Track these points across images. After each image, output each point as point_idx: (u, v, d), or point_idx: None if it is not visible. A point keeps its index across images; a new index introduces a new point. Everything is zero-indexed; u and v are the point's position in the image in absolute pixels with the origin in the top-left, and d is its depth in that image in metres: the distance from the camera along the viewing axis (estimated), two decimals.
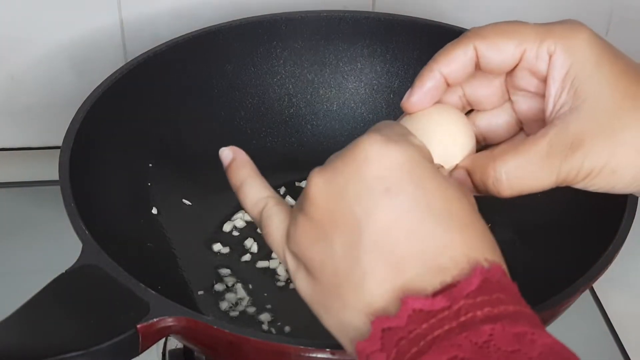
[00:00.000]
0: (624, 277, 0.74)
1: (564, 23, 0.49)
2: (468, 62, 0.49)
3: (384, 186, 0.42)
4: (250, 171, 0.50)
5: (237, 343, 0.51)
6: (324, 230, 0.42)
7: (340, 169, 0.43)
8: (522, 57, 0.48)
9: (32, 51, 0.82)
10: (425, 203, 0.42)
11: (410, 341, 0.39)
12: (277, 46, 0.78)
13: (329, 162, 0.44)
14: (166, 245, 0.70)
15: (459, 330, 0.38)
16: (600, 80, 0.47)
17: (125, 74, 0.70)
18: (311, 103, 0.80)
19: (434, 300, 0.39)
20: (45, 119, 0.85)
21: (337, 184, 0.42)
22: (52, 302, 0.51)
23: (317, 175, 0.43)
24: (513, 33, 0.48)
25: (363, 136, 0.43)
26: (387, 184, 0.42)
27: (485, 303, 0.39)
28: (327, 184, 0.43)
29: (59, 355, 0.48)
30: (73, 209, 0.58)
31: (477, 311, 0.39)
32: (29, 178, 0.84)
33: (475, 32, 0.49)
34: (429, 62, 0.50)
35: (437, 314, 0.39)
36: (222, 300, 0.68)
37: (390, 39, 0.79)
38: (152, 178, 0.72)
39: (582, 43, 0.47)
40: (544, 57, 0.48)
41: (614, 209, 0.60)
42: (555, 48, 0.47)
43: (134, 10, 0.82)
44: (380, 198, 0.41)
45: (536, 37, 0.48)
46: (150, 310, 0.50)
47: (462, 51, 0.49)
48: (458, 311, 0.39)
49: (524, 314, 0.40)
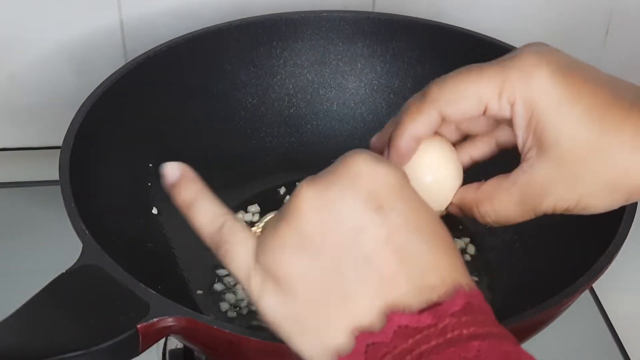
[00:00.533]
0: (624, 277, 0.74)
1: (521, 62, 0.49)
2: (434, 122, 0.50)
3: (377, 203, 0.41)
4: (202, 187, 0.47)
5: (237, 343, 0.51)
6: (312, 243, 0.41)
7: (332, 182, 0.42)
8: (485, 109, 0.49)
9: (32, 51, 0.82)
10: (414, 223, 0.42)
11: (396, 356, 0.39)
12: (277, 46, 0.78)
13: (319, 175, 0.43)
14: (166, 245, 0.70)
15: (447, 346, 0.38)
16: (562, 127, 0.48)
17: (125, 74, 0.70)
18: (311, 103, 0.80)
19: (420, 316, 0.39)
20: (45, 119, 0.85)
21: (329, 197, 0.42)
22: (52, 302, 0.51)
23: (307, 187, 0.42)
24: (471, 90, 0.49)
25: (351, 153, 0.43)
26: (380, 201, 0.41)
27: (470, 323, 0.39)
28: (318, 196, 0.42)
29: (59, 355, 0.48)
30: (73, 209, 0.58)
31: (463, 329, 0.39)
32: (29, 178, 0.84)
33: (436, 96, 0.50)
34: (398, 126, 0.51)
35: (423, 330, 0.39)
36: (222, 301, 0.68)
37: (390, 39, 0.79)
38: (152, 178, 0.72)
39: (540, 88, 0.48)
40: (506, 107, 0.49)
41: (613, 209, 0.60)
42: (514, 98, 0.48)
43: (134, 10, 0.82)
44: (372, 214, 0.41)
45: (494, 89, 0.49)
46: (150, 310, 0.50)
47: (426, 117, 0.50)
48: (444, 328, 0.39)
49: (506, 336, 0.40)
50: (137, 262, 0.59)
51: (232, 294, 0.68)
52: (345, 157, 0.43)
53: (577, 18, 0.83)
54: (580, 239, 0.63)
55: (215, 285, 0.69)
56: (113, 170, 0.68)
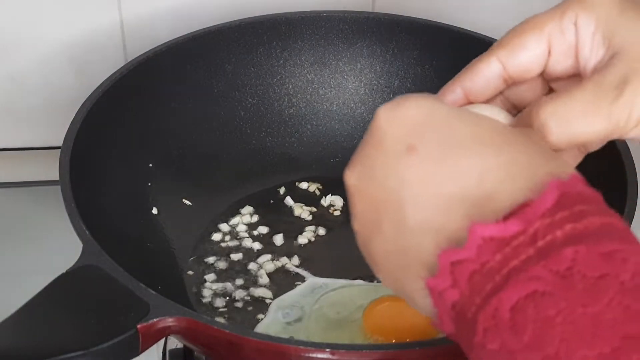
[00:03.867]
0: None
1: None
2: (492, 76, 0.47)
3: (405, 145, 0.40)
4: None
5: (237, 343, 0.51)
6: (373, 219, 0.41)
7: (364, 154, 0.42)
8: (549, 43, 0.46)
9: (32, 51, 0.82)
10: (452, 143, 0.40)
11: (484, 275, 0.36)
12: (277, 46, 0.78)
13: (353, 156, 0.43)
14: (166, 245, 0.70)
15: (537, 259, 0.35)
16: (630, 26, 0.45)
17: (125, 74, 0.70)
18: (311, 103, 0.80)
19: (506, 224, 0.36)
20: (45, 119, 0.85)
21: (366, 169, 0.42)
22: (52, 302, 0.51)
23: (348, 174, 0.43)
24: (532, 27, 0.47)
25: (375, 112, 0.43)
26: (408, 142, 0.40)
27: (565, 220, 0.35)
28: (358, 175, 0.42)
29: (59, 355, 0.48)
30: (73, 209, 0.58)
31: (556, 231, 0.35)
32: (29, 178, 0.84)
33: (497, 43, 0.47)
34: (455, 76, 0.48)
35: (510, 241, 0.36)
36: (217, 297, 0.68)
37: (390, 39, 0.79)
38: (152, 178, 0.72)
39: (601, 1, 0.46)
40: (570, 29, 0.46)
41: (613, 208, 0.60)
42: (576, 15, 0.46)
43: (134, 10, 0.82)
44: (406, 158, 0.40)
45: (554, 17, 0.46)
46: (150, 310, 0.51)
47: (485, 65, 0.47)
48: (534, 235, 0.35)
49: (613, 226, 0.36)
50: (137, 262, 0.59)
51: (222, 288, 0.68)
52: (372, 120, 0.42)
53: None
54: None
55: (207, 282, 0.69)
56: (113, 170, 0.69)
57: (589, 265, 0.34)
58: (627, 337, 0.32)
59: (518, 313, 0.35)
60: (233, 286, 0.69)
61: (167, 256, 0.69)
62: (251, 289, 0.68)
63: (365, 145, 0.42)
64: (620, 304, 0.33)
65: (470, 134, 0.40)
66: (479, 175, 0.38)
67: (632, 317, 0.33)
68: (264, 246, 0.72)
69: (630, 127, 0.43)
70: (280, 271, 0.70)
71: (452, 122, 0.41)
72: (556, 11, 0.47)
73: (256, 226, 0.74)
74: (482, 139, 0.40)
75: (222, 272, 0.70)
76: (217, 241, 0.72)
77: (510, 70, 0.47)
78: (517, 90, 0.49)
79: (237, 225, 0.74)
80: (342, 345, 0.50)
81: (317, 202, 0.76)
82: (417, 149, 0.40)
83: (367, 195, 0.42)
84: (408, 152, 0.40)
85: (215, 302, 0.67)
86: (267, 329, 0.65)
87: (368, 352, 0.50)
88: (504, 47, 0.47)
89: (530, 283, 0.35)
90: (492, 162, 0.39)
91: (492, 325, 0.35)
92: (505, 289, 0.35)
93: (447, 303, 0.38)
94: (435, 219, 0.39)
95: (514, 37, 0.47)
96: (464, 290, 0.37)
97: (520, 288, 0.35)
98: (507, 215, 0.37)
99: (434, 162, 0.39)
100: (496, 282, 0.36)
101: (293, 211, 0.75)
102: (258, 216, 0.74)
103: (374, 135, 0.42)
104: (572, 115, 0.43)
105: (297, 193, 0.77)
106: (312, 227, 0.74)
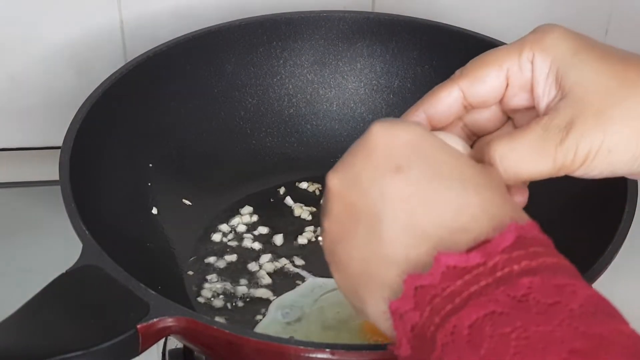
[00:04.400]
0: (624, 277, 0.74)
1: (536, 29, 0.49)
2: (453, 102, 0.50)
3: (394, 165, 0.42)
4: None
5: (237, 343, 0.51)
6: (347, 222, 0.43)
7: (352, 162, 0.44)
8: (507, 78, 0.49)
9: (32, 51, 0.82)
10: (437, 172, 0.42)
11: (445, 298, 0.39)
12: (277, 46, 0.78)
13: (342, 159, 0.45)
14: (166, 245, 0.70)
15: (496, 285, 0.38)
16: (582, 67, 0.47)
17: (125, 74, 0.70)
18: (311, 103, 0.80)
19: (468, 256, 0.39)
20: (45, 119, 0.85)
21: (351, 175, 0.44)
22: (52, 302, 0.51)
23: (331, 175, 0.45)
24: (492, 60, 0.49)
25: (372, 125, 0.44)
26: (397, 162, 0.42)
27: (522, 257, 0.39)
28: (342, 178, 0.44)
29: (59, 355, 0.48)
30: (73, 209, 0.58)
31: (513, 265, 0.38)
32: (29, 178, 0.84)
33: (459, 72, 0.50)
34: (418, 102, 0.51)
35: (471, 270, 0.39)
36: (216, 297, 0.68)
37: (390, 39, 0.79)
38: (152, 178, 0.72)
39: (556, 39, 0.48)
40: (527, 67, 0.49)
41: (613, 209, 0.60)
42: (533, 54, 0.48)
43: (134, 10, 0.82)
44: (392, 176, 0.42)
45: (514, 53, 0.49)
46: (150, 310, 0.50)
47: (446, 93, 0.50)
48: (494, 267, 0.38)
49: (563, 266, 0.40)
50: (137, 262, 0.59)
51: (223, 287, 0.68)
52: (362, 136, 0.44)
53: (577, 19, 0.84)
54: (580, 239, 0.63)
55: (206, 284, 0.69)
56: (113, 170, 0.68)
57: (543, 294, 0.37)
58: (573, 351, 0.36)
59: (476, 330, 0.37)
60: (233, 286, 0.69)
61: (167, 256, 0.69)
62: (251, 289, 0.68)
63: (354, 153, 0.44)
64: (570, 326, 0.37)
65: (454, 168, 0.43)
66: (457, 208, 0.41)
67: (579, 336, 0.36)
68: (264, 246, 0.72)
69: (575, 166, 0.46)
70: (280, 271, 0.70)
71: (438, 153, 0.44)
72: (516, 47, 0.49)
73: (256, 226, 0.74)
74: (463, 175, 0.43)
75: (222, 272, 0.70)
76: (217, 241, 0.72)
77: (470, 99, 0.50)
78: (477, 120, 0.52)
79: (237, 226, 0.74)
80: (342, 345, 0.50)
81: (317, 202, 0.76)
82: (405, 171, 0.42)
83: (347, 199, 0.44)
84: (395, 171, 0.42)
85: (215, 302, 0.67)
86: (266, 329, 0.65)
87: (368, 352, 0.50)
88: (465, 78, 0.50)
89: (489, 304, 0.37)
90: (472, 199, 0.41)
91: (450, 340, 0.38)
92: (465, 309, 0.38)
93: (407, 325, 0.40)
94: (407, 241, 0.41)
95: (475, 68, 0.50)
96: (425, 312, 0.39)
97: (479, 308, 0.38)
98: (469, 249, 0.39)
99: (418, 187, 0.42)
100: (456, 303, 0.38)
101: (293, 211, 0.75)
102: (258, 216, 0.74)
103: (365, 146, 0.44)
104: (520, 158, 0.46)
105: (297, 193, 0.77)
106: (312, 227, 0.74)
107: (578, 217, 0.66)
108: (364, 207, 0.43)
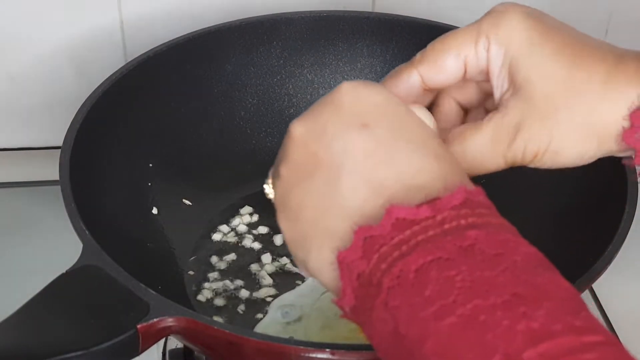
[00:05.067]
0: (624, 277, 0.74)
1: (493, 11, 0.50)
2: (413, 84, 0.51)
3: (361, 121, 0.43)
4: None
5: (237, 343, 0.51)
6: (307, 171, 0.44)
7: (319, 113, 0.45)
8: (465, 65, 0.50)
9: (32, 51, 0.82)
10: (401, 134, 0.44)
11: (392, 246, 0.40)
12: (277, 46, 0.78)
13: (307, 111, 0.46)
14: (166, 245, 0.70)
15: (443, 235, 0.39)
16: (534, 63, 0.48)
17: (125, 74, 0.70)
18: (311, 103, 0.79)
19: (418, 209, 0.40)
20: (46, 119, 0.85)
21: (317, 126, 0.44)
22: (52, 302, 0.51)
23: (296, 123, 0.45)
24: (450, 47, 0.50)
25: (340, 84, 0.46)
26: (364, 120, 0.43)
27: (469, 214, 0.40)
28: (307, 128, 0.45)
29: (59, 355, 0.48)
30: (73, 209, 0.58)
31: (461, 220, 0.40)
32: (29, 178, 0.84)
33: (419, 57, 0.51)
34: (382, 80, 0.52)
35: (420, 222, 0.40)
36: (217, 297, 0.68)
37: (390, 39, 0.79)
38: (152, 178, 0.72)
39: (512, 29, 0.49)
40: (483, 56, 0.50)
41: (613, 209, 0.60)
42: (489, 43, 0.49)
43: (134, 10, 0.82)
44: (357, 132, 0.43)
45: (470, 40, 0.50)
46: (150, 310, 0.50)
47: (406, 74, 0.52)
48: (442, 220, 0.40)
49: (507, 226, 0.41)
50: (137, 262, 0.59)
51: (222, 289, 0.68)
52: (335, 89, 0.45)
53: (577, 18, 0.83)
54: (580, 239, 0.63)
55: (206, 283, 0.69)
56: (113, 170, 0.68)
57: (488, 245, 0.39)
58: (516, 294, 0.37)
59: (421, 273, 0.38)
60: (233, 286, 0.69)
61: (167, 256, 0.70)
62: (251, 289, 0.68)
63: (322, 106, 0.45)
64: (512, 273, 0.38)
65: (418, 135, 0.44)
66: (418, 169, 0.42)
67: (521, 283, 0.38)
68: (264, 246, 0.72)
69: (526, 161, 0.49)
70: (280, 271, 0.70)
71: (405, 118, 0.45)
72: (473, 33, 0.50)
73: (256, 226, 0.74)
74: (425, 143, 0.44)
75: (222, 272, 0.70)
76: (217, 241, 0.72)
77: (428, 83, 0.51)
78: (464, 94, 0.53)
79: (237, 225, 0.74)
80: (342, 345, 0.50)
81: None
82: (371, 128, 0.43)
83: (309, 148, 0.44)
84: (362, 127, 0.43)
85: (215, 302, 0.67)
86: (266, 329, 0.65)
87: (368, 352, 0.50)
88: (423, 63, 0.51)
89: (436, 251, 0.39)
90: (432, 165, 0.43)
91: (396, 284, 0.39)
92: (412, 255, 0.39)
93: (353, 274, 0.41)
94: (364, 193, 0.42)
95: (433, 54, 0.51)
96: (372, 260, 0.40)
97: (426, 254, 0.39)
98: (419, 205, 0.41)
99: (381, 144, 0.43)
100: (403, 250, 0.39)
101: None
102: (258, 216, 0.74)
103: (334, 101, 0.45)
104: (472, 157, 0.49)
105: None
106: None
107: (578, 217, 0.66)
108: (325, 158, 0.43)
